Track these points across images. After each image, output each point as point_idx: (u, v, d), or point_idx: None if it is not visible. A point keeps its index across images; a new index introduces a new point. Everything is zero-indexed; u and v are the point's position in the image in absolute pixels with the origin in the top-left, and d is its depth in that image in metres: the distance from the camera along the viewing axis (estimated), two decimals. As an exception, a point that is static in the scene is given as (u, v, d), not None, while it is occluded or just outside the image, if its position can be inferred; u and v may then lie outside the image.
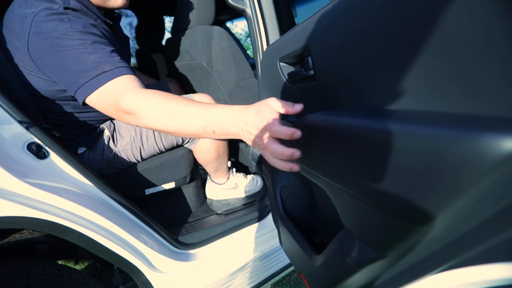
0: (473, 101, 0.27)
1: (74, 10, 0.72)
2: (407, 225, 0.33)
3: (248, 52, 3.36)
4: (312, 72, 0.54)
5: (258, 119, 0.54)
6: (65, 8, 0.71)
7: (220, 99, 1.23)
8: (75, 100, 0.84)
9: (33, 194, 0.64)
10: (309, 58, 0.55)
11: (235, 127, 0.59)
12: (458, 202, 0.27)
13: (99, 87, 0.67)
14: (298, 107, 0.53)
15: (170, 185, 1.08)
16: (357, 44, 0.41)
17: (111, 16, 0.95)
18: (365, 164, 0.37)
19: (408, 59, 0.33)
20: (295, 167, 0.50)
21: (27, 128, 0.67)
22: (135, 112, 0.65)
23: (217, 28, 1.12)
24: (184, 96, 1.02)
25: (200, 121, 0.62)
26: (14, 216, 0.60)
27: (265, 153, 0.54)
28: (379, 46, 0.37)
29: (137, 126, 0.70)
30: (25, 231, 1.02)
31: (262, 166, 1.01)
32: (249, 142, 0.58)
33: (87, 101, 0.71)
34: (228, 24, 3.17)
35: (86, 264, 1.63)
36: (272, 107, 0.54)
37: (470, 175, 0.25)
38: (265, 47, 1.04)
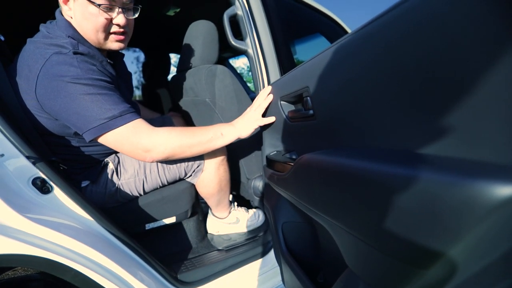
0: (471, 147, 0.28)
1: (82, 54, 0.77)
2: (409, 268, 0.32)
3: (249, 85, 3.48)
4: (311, 112, 0.56)
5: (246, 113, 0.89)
6: (75, 53, 0.75)
7: (222, 134, 1.26)
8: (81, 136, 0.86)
9: (33, 230, 0.64)
10: (308, 99, 0.57)
11: (235, 125, 0.89)
12: (459, 246, 0.27)
13: (113, 129, 0.74)
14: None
15: (171, 220, 1.07)
16: (354, 88, 0.44)
17: (114, 55, 0.99)
18: (365, 206, 0.37)
19: (406, 103, 0.35)
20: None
21: (34, 163, 0.68)
22: (157, 147, 0.79)
23: (220, 67, 1.18)
24: None
25: (210, 133, 0.87)
26: (10, 254, 0.59)
27: (261, 119, 0.86)
28: (376, 90, 0.39)
29: (152, 162, 0.85)
30: (20, 267, 0.99)
31: (264, 201, 1.00)
32: (251, 123, 0.87)
33: (99, 139, 0.76)
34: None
35: (79, 303, 1.55)
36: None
37: (467, 220, 0.25)
38: (266, 85, 1.09)
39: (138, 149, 0.78)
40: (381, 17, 0.36)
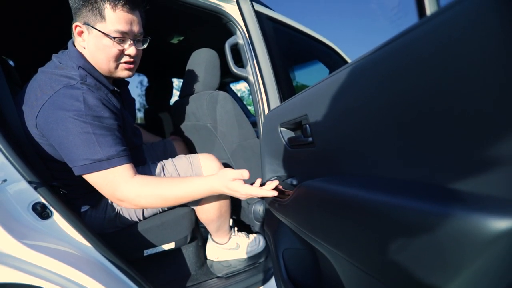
0: (470, 178, 0.28)
1: (89, 85, 0.80)
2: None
3: (250, 107, 3.53)
4: (310, 139, 0.58)
5: (226, 182, 0.78)
6: (82, 84, 0.78)
7: (223, 158, 1.27)
8: None
9: (29, 257, 0.63)
10: (307, 126, 0.58)
11: (216, 189, 0.81)
12: (460, 279, 0.27)
13: (97, 171, 0.76)
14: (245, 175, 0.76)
15: (170, 246, 1.05)
16: (353, 117, 0.45)
17: (120, 83, 1.01)
18: (364, 235, 0.37)
19: (405, 133, 0.36)
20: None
21: (35, 188, 0.69)
22: (130, 201, 0.80)
23: (222, 93, 1.22)
24: (189, 156, 1.06)
25: (187, 197, 0.84)
26: (3, 282, 0.58)
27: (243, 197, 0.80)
28: (375, 120, 0.40)
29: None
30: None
31: (264, 227, 0.99)
32: (234, 193, 0.80)
33: (83, 176, 0.78)
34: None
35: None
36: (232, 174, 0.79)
37: (467, 252, 0.26)
38: (266, 110, 1.12)
39: (114, 198, 0.81)
40: (381, 48, 0.37)
